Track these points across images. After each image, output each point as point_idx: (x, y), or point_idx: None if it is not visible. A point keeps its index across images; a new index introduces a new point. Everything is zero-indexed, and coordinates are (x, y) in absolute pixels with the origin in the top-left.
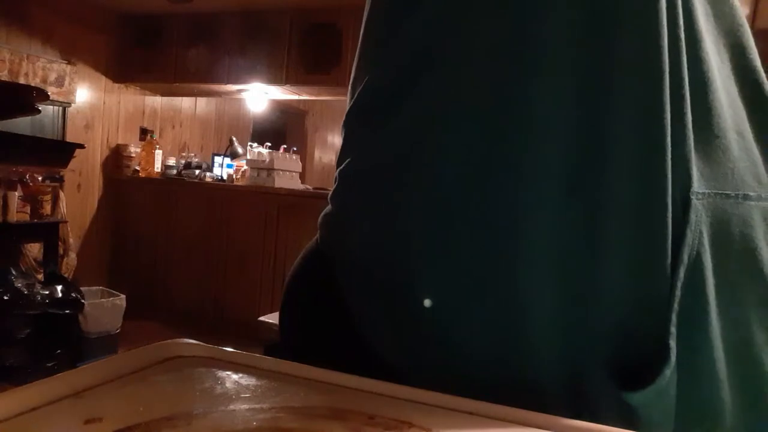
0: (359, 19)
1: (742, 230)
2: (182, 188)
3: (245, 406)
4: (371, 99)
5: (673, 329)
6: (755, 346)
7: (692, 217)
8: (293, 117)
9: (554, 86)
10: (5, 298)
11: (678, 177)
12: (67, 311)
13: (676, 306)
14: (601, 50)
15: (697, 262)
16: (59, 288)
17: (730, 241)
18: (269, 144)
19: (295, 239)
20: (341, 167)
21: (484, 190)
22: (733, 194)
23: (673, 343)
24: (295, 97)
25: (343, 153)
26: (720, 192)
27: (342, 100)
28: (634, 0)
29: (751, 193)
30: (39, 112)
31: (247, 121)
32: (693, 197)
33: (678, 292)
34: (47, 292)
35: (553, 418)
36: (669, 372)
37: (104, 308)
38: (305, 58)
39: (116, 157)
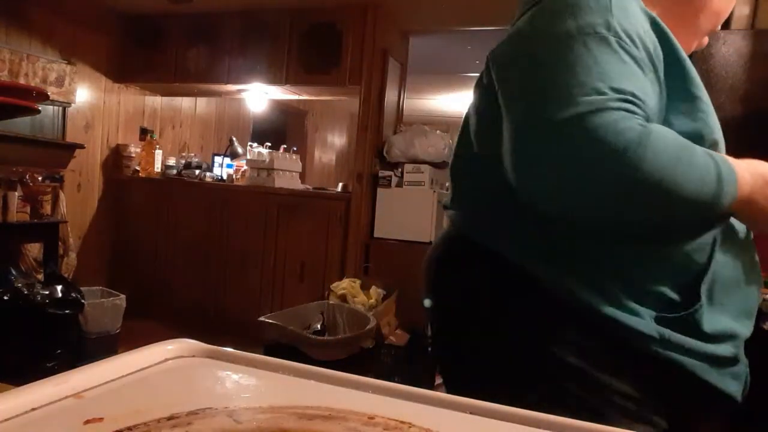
0: (359, 19)
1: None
2: (182, 188)
3: (245, 406)
4: None
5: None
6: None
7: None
8: (293, 117)
9: None
10: (5, 298)
11: None
12: (67, 311)
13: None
14: None
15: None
16: (59, 288)
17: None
18: (269, 144)
19: (295, 239)
20: None
21: None
22: None
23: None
24: (295, 97)
25: None
26: None
27: (342, 100)
28: None
29: None
30: (39, 112)
31: (247, 121)
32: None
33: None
34: (47, 292)
35: (554, 418)
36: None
37: (104, 308)
38: (305, 58)
39: (116, 157)
